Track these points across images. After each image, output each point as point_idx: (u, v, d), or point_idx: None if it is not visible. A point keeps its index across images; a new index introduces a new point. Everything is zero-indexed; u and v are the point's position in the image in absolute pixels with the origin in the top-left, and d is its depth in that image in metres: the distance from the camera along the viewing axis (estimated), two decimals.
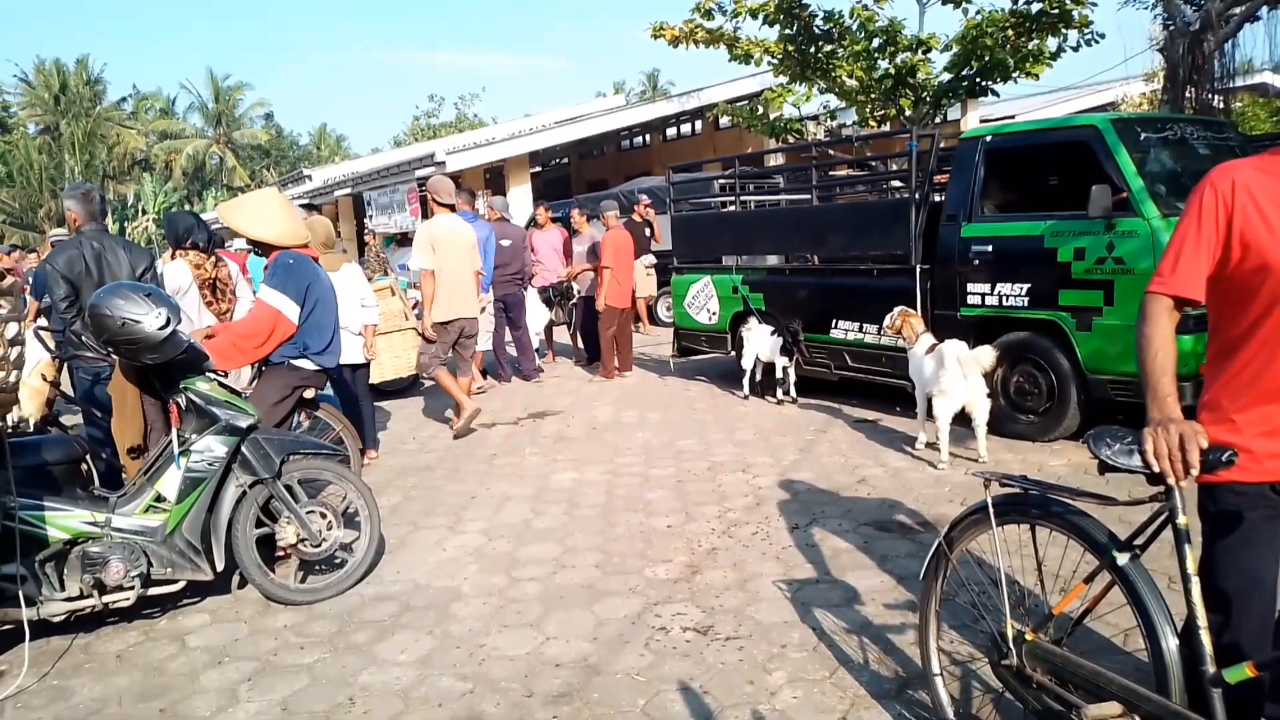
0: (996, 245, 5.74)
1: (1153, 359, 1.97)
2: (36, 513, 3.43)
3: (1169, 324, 1.99)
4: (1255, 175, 1.93)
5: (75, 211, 4.92)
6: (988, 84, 11.86)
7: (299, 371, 4.44)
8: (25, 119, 45.76)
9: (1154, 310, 2.00)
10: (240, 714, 2.98)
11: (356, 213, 21.39)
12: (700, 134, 21.98)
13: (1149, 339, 1.99)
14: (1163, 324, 1.98)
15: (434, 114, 43.65)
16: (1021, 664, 2.23)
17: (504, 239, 8.92)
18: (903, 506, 4.68)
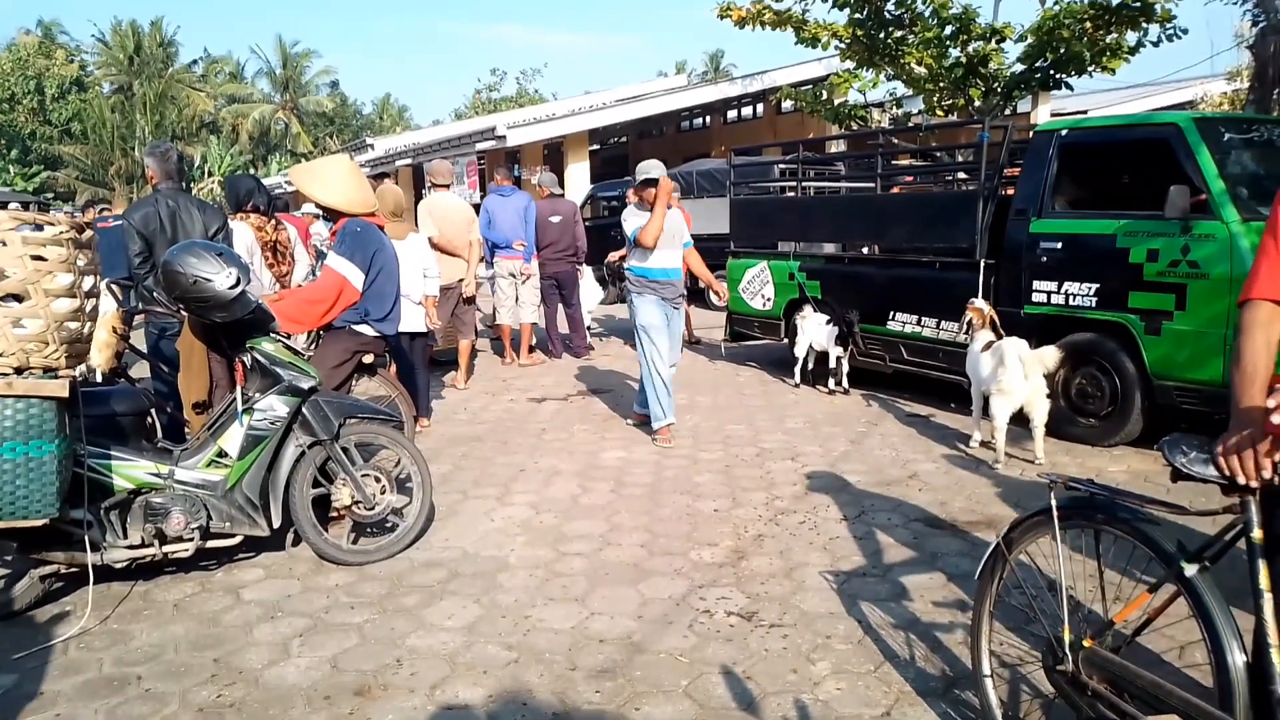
0: (1066, 242, 5.60)
1: (1240, 365, 1.91)
2: (104, 461, 3.54)
3: (1262, 332, 1.91)
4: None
5: (154, 169, 5.04)
6: (1062, 77, 11.53)
7: (359, 336, 4.51)
8: (101, 78, 46.93)
9: (1246, 318, 1.94)
10: (291, 668, 3.06)
11: (416, 183, 21.59)
12: (761, 118, 21.78)
13: (1239, 346, 1.93)
14: (1254, 332, 1.92)
15: (496, 88, 43.79)
16: (1077, 670, 2.19)
17: (553, 215, 8.95)
18: (955, 504, 4.61)
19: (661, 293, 6.01)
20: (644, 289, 6.01)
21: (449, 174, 7.99)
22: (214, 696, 2.88)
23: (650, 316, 5.96)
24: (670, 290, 6.05)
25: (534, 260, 8.77)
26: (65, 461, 3.22)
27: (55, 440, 3.13)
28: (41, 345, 3.13)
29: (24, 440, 3.07)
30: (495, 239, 8.52)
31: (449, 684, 2.93)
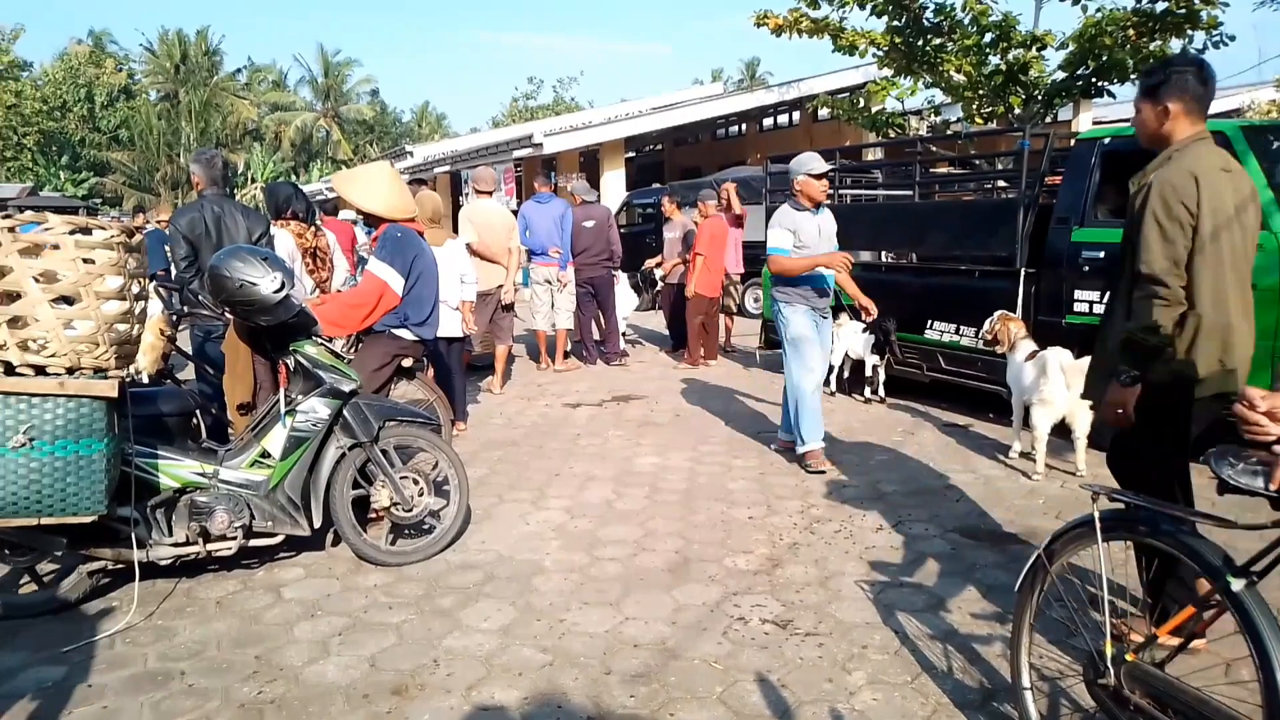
0: (1109, 251, 5.52)
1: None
2: (151, 460, 3.62)
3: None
4: None
5: (199, 175, 5.15)
6: (1104, 85, 11.39)
7: (399, 341, 4.57)
8: (148, 86, 48.02)
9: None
10: (330, 666, 3.10)
11: (454, 190, 21.81)
12: (797, 125, 21.72)
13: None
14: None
15: (532, 96, 44.20)
16: (1119, 685, 2.16)
17: (587, 221, 8.99)
18: (993, 516, 4.56)
19: (813, 301, 5.46)
20: (794, 298, 5.43)
21: (491, 181, 8.02)
22: (255, 693, 2.93)
23: (800, 328, 5.40)
24: (823, 299, 5.51)
25: (570, 267, 8.82)
26: (114, 460, 3.29)
27: (104, 439, 3.21)
28: (92, 346, 3.21)
29: (74, 439, 3.15)
30: (532, 246, 8.59)
31: (485, 685, 2.95)
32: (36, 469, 3.08)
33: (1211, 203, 2.79)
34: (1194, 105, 2.92)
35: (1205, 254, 2.80)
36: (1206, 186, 2.80)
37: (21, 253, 3.10)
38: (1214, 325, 2.83)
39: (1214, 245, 2.80)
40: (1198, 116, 2.94)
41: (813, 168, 5.31)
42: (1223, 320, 2.84)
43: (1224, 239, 2.82)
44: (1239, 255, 2.88)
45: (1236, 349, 2.87)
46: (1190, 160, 2.86)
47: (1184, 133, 2.93)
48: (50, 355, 3.13)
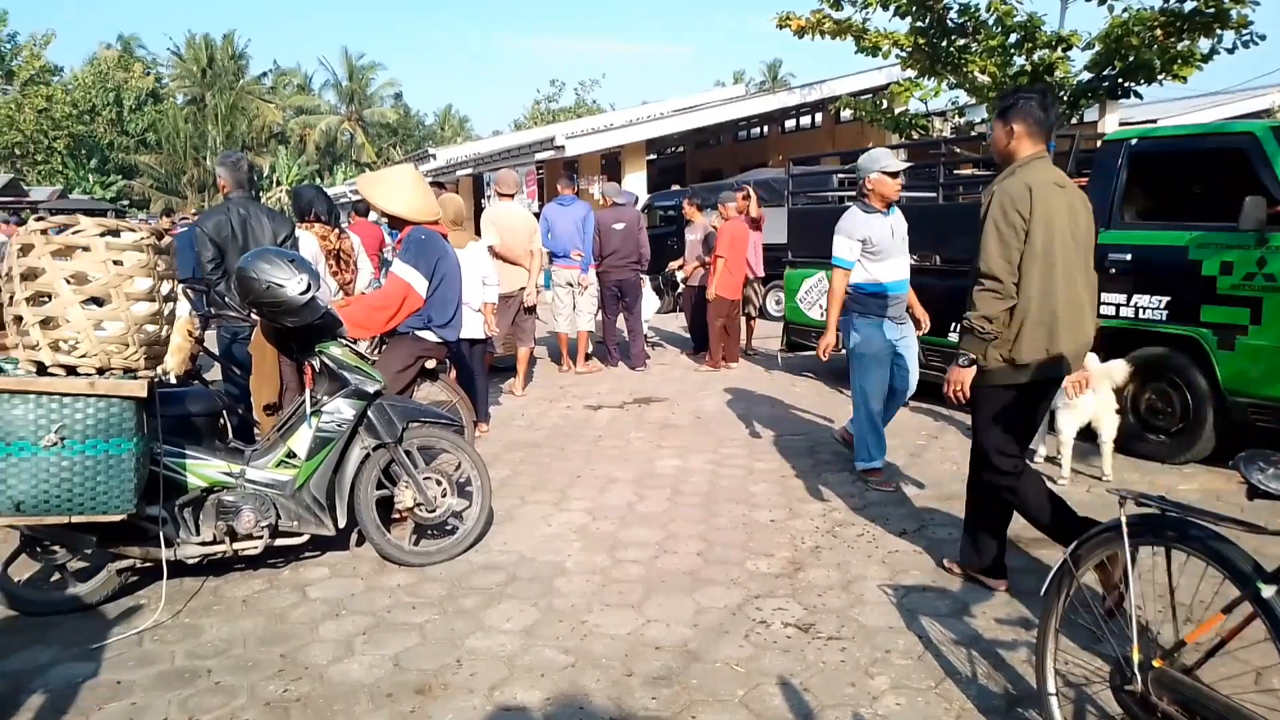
0: (1136, 254, 5.47)
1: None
2: (178, 460, 3.66)
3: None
4: None
5: (225, 178, 5.21)
6: (1130, 85, 11.27)
7: (422, 342, 4.60)
8: (175, 90, 48.63)
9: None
10: (355, 665, 3.12)
11: (476, 193, 21.91)
12: (820, 127, 21.65)
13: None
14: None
15: (554, 99, 44.35)
16: (1146, 691, 2.14)
17: (616, 223, 8.99)
18: (1017, 520, 4.50)
19: (891, 311, 4.97)
20: (870, 307, 4.94)
21: (514, 184, 8.07)
22: (281, 691, 2.96)
23: (874, 344, 4.94)
24: (899, 307, 5.03)
25: (591, 270, 8.83)
26: (143, 459, 3.34)
27: (134, 439, 3.25)
28: (122, 347, 3.25)
29: (104, 438, 3.19)
30: (553, 248, 8.61)
31: (507, 685, 2.97)
32: (67, 468, 3.13)
33: (1043, 212, 3.25)
34: (1035, 128, 3.38)
35: (1035, 256, 3.26)
36: (1039, 198, 3.25)
37: (53, 254, 3.15)
38: (1040, 317, 3.29)
39: (1044, 248, 3.27)
40: (1039, 138, 3.40)
41: (886, 165, 4.87)
42: (1049, 313, 3.29)
43: (1055, 244, 3.29)
44: (1070, 258, 3.34)
45: (1062, 338, 3.31)
46: (1028, 174, 3.32)
47: (1025, 151, 3.40)
48: (81, 356, 3.18)
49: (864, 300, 4.96)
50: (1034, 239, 3.26)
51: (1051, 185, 3.33)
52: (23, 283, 3.16)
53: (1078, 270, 3.39)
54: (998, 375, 3.40)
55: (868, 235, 4.87)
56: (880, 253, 4.90)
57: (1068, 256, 3.33)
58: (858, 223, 4.89)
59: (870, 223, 4.89)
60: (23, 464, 3.09)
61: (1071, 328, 3.35)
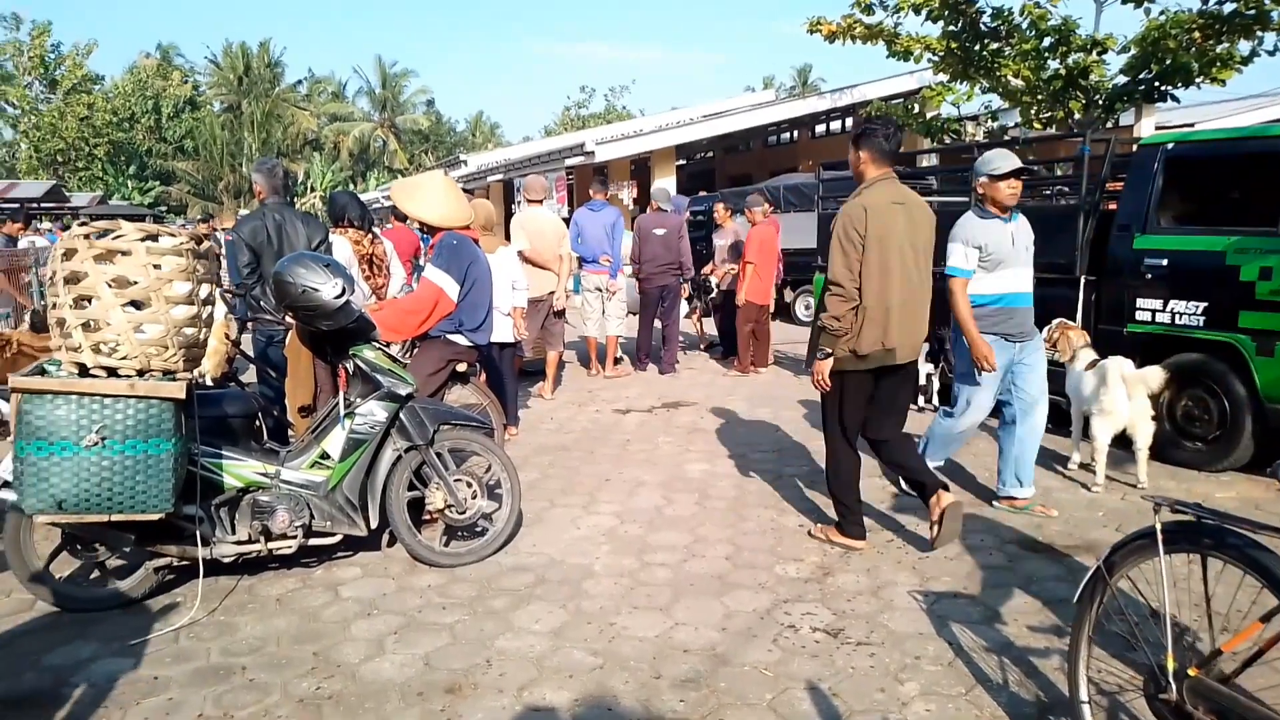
0: (1172, 259, 5.39)
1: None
2: (215, 460, 3.72)
3: None
4: None
5: (261, 184, 5.29)
6: (1167, 89, 11.10)
7: (453, 346, 4.65)
8: (212, 97, 49.40)
9: None
10: (386, 664, 3.16)
11: (507, 198, 22.05)
12: (850, 132, 21.50)
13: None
14: None
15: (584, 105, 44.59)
16: (1181, 700, 2.11)
17: (658, 229, 9.00)
18: (1051, 527, 4.48)
19: (1009, 327, 4.52)
20: (987, 324, 4.49)
21: (542, 190, 8.12)
22: (314, 688, 3.00)
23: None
24: (1020, 323, 4.54)
25: (620, 275, 8.85)
26: (180, 460, 3.40)
27: (172, 439, 3.32)
28: (161, 349, 3.32)
29: (143, 438, 3.26)
30: (582, 253, 8.65)
31: (536, 686, 2.98)
32: (108, 467, 3.20)
33: (877, 229, 3.87)
34: (880, 155, 4.02)
35: (872, 266, 3.88)
36: (874, 217, 3.87)
37: (95, 259, 3.23)
38: (876, 316, 3.90)
39: (879, 259, 3.88)
40: (883, 163, 4.02)
41: (995, 166, 4.42)
42: (883, 313, 3.90)
43: (890, 254, 3.89)
44: (907, 264, 3.95)
45: (894, 334, 3.92)
46: (867, 197, 3.96)
47: (872, 173, 4.03)
48: (121, 358, 3.25)
49: (980, 315, 4.51)
50: (870, 252, 3.87)
51: (889, 204, 3.94)
52: (66, 286, 3.24)
53: (915, 275, 3.99)
54: (845, 363, 4.01)
55: (984, 242, 4.47)
56: (997, 262, 4.49)
57: (904, 264, 3.95)
58: (974, 229, 4.50)
59: (987, 229, 4.49)
60: (65, 463, 3.16)
61: (903, 325, 3.96)
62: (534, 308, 7.33)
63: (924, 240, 4.06)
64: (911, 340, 4.04)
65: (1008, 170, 4.40)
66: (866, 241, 3.87)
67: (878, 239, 3.87)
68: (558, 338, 7.98)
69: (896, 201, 3.97)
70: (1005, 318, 4.52)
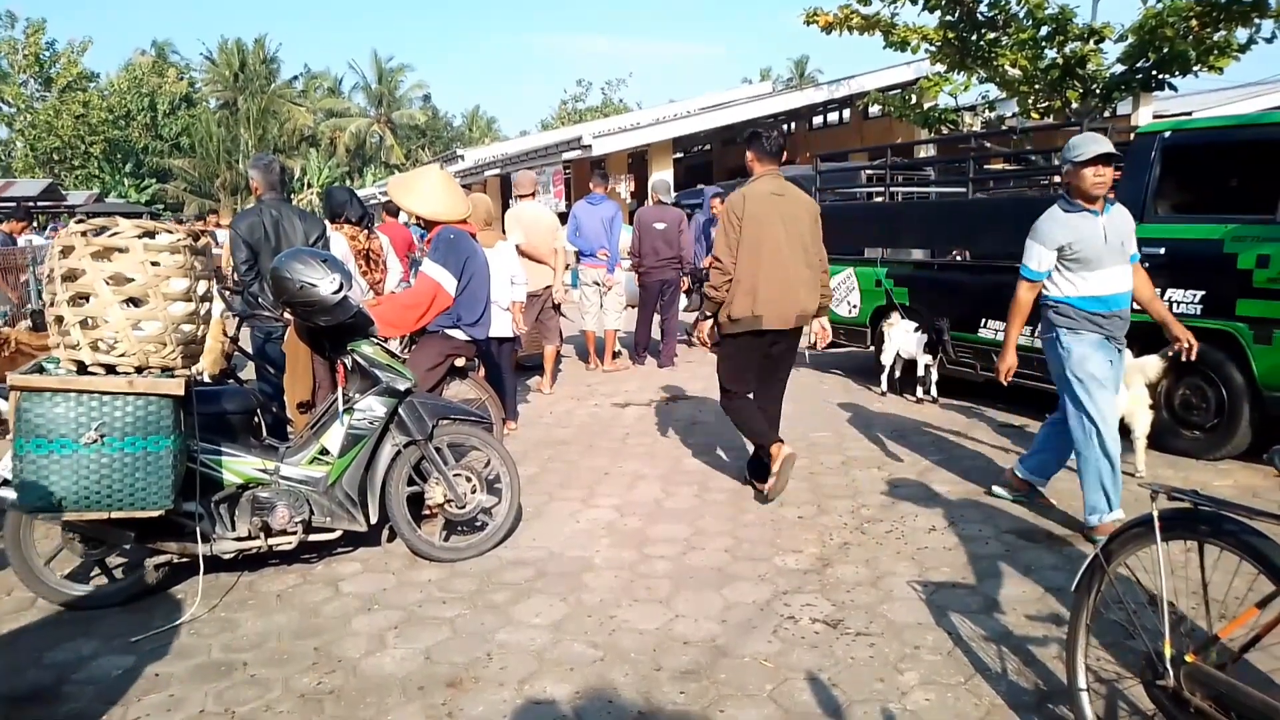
0: (1169, 248, 5.39)
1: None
2: (214, 457, 3.73)
3: None
4: None
5: (257, 181, 5.29)
6: (1165, 77, 11.11)
7: (451, 341, 4.65)
8: (208, 94, 49.29)
9: None
10: (387, 658, 3.17)
11: (503, 193, 22.03)
12: (848, 123, 21.52)
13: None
14: None
15: (581, 98, 44.51)
16: (1179, 686, 2.12)
17: (658, 222, 8.98)
18: (1050, 517, 4.49)
19: (1108, 328, 4.10)
20: (1080, 322, 4.10)
21: (532, 184, 8.12)
22: (315, 683, 3.00)
23: (1092, 361, 4.06)
24: (1120, 325, 4.13)
25: (618, 270, 8.84)
26: (180, 456, 3.41)
27: (171, 436, 3.32)
28: (160, 346, 3.33)
29: (142, 435, 3.27)
30: (580, 246, 8.63)
31: (537, 679, 2.99)
32: (107, 464, 3.21)
33: (752, 214, 4.56)
34: (764, 155, 4.72)
35: (745, 245, 4.56)
36: (751, 204, 4.57)
37: (93, 256, 3.23)
38: (746, 288, 4.55)
39: (752, 240, 4.55)
40: (767, 161, 4.73)
41: (1080, 152, 3.93)
42: (751, 286, 4.55)
43: (763, 237, 4.56)
44: (779, 248, 4.58)
45: (760, 303, 4.56)
46: (749, 188, 4.65)
47: (758, 170, 4.72)
48: (120, 355, 3.26)
49: (1073, 316, 4.11)
50: (745, 234, 4.55)
51: (768, 195, 4.62)
52: (63, 284, 3.24)
53: (786, 255, 4.61)
54: (725, 328, 4.69)
55: (1070, 239, 4.03)
56: (1087, 260, 4.04)
57: (776, 245, 4.57)
58: (1055, 226, 4.08)
59: (1073, 224, 4.04)
60: (64, 460, 3.17)
61: (771, 296, 4.57)
62: (530, 301, 7.33)
63: (800, 227, 4.67)
64: (780, 310, 4.61)
65: (1093, 155, 3.89)
66: (743, 225, 4.56)
67: (753, 223, 4.55)
68: (554, 332, 7.97)
69: (775, 193, 4.64)
70: (1106, 320, 4.08)
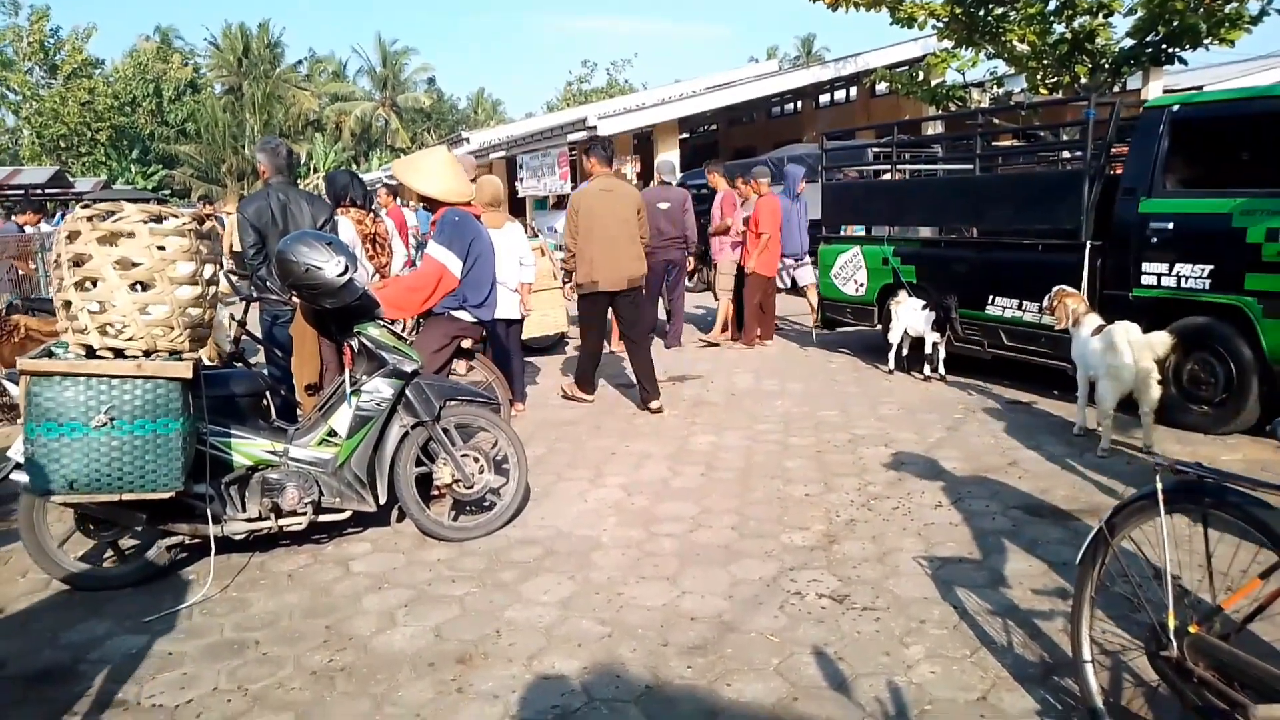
0: (1178, 222, 5.36)
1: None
2: (224, 439, 3.76)
3: None
4: None
5: (265, 164, 5.29)
6: (1175, 51, 10.97)
7: (458, 322, 4.65)
8: (213, 80, 49.21)
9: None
10: (397, 636, 3.20)
11: (509, 175, 21.99)
12: (855, 101, 21.36)
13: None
14: None
15: (586, 79, 44.27)
16: (1182, 657, 2.13)
17: (661, 202, 8.91)
18: (1056, 492, 4.49)
19: None
20: None
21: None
22: (326, 661, 3.04)
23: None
24: None
25: None
26: (189, 439, 3.44)
27: (180, 418, 3.35)
28: (167, 330, 3.35)
29: (152, 418, 3.30)
30: None
31: (545, 655, 3.02)
32: (117, 447, 3.24)
33: (585, 206, 6.28)
34: (600, 159, 6.40)
35: (580, 230, 6.24)
36: (584, 200, 6.32)
37: (99, 241, 3.25)
38: (584, 259, 6.24)
39: (585, 225, 6.24)
40: (602, 165, 6.41)
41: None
42: (589, 258, 6.22)
43: (595, 222, 6.22)
44: (609, 227, 6.22)
45: (596, 271, 6.21)
46: (587, 186, 6.41)
47: (596, 172, 6.42)
48: (128, 339, 3.28)
49: None
50: (582, 221, 6.24)
51: (600, 191, 6.32)
52: (71, 269, 3.26)
53: (618, 235, 6.24)
54: (579, 290, 6.38)
55: None
56: None
57: (606, 227, 6.21)
58: None
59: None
60: (75, 444, 3.20)
61: (603, 266, 6.20)
62: None
63: (626, 214, 6.34)
64: (613, 275, 6.23)
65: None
66: (580, 214, 6.27)
67: (587, 214, 6.25)
68: None
69: (605, 190, 6.36)
70: None
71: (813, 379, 7.48)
